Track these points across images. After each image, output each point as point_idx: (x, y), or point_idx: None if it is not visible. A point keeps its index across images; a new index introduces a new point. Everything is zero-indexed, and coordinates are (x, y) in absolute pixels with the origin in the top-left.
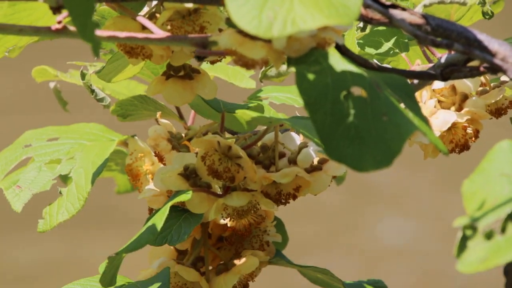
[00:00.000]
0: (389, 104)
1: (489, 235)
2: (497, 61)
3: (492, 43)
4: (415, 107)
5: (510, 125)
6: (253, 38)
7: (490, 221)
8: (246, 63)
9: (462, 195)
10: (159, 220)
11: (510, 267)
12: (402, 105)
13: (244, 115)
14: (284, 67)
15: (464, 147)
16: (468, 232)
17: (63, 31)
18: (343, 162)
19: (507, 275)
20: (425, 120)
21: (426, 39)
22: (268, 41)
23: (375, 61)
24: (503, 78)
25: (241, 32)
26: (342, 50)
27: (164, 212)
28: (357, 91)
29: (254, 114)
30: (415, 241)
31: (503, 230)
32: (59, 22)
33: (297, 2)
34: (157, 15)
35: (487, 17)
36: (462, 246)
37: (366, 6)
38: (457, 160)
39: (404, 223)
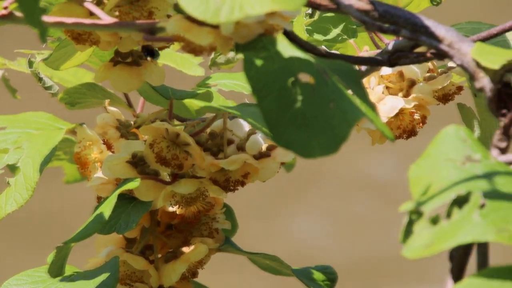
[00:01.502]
0: (336, 91)
1: (434, 220)
2: (443, 47)
3: (439, 29)
4: (362, 94)
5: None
6: (200, 24)
7: (435, 206)
8: (194, 50)
9: (409, 180)
10: (107, 209)
11: (455, 252)
12: (349, 92)
13: (192, 104)
14: (232, 54)
15: (411, 132)
16: (414, 217)
17: (9, 17)
18: (290, 148)
19: (452, 260)
20: (372, 106)
21: (374, 25)
22: (216, 27)
23: (323, 47)
24: (450, 64)
25: (189, 18)
26: (290, 36)
27: (112, 200)
28: (305, 77)
29: (202, 103)
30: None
31: (448, 215)
32: (5, 8)
33: None
34: (105, 1)
35: (434, 3)
36: (408, 231)
37: None
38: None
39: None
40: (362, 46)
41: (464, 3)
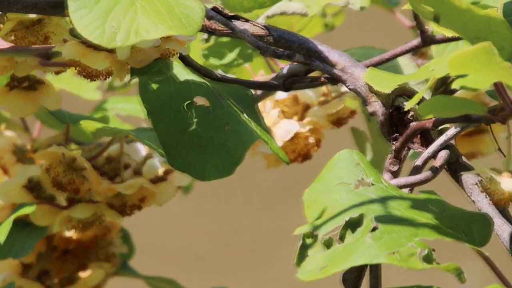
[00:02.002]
0: (232, 114)
1: (328, 243)
2: (336, 71)
3: (332, 54)
4: (257, 117)
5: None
6: (97, 48)
7: (329, 229)
8: (90, 74)
9: (304, 203)
10: (1, 234)
11: (348, 275)
12: (244, 115)
13: (89, 126)
14: (128, 78)
15: (306, 156)
16: (308, 241)
17: None
18: (185, 171)
19: (345, 283)
20: (266, 129)
21: (268, 50)
22: (112, 52)
23: (219, 71)
24: (344, 88)
25: (85, 43)
26: (186, 61)
27: (7, 225)
28: (200, 100)
29: (99, 125)
30: None
31: (341, 238)
32: None
33: (140, 12)
34: (0, 25)
35: (328, 28)
36: (302, 254)
37: (209, 17)
38: None
39: None
40: (258, 70)
41: (357, 28)
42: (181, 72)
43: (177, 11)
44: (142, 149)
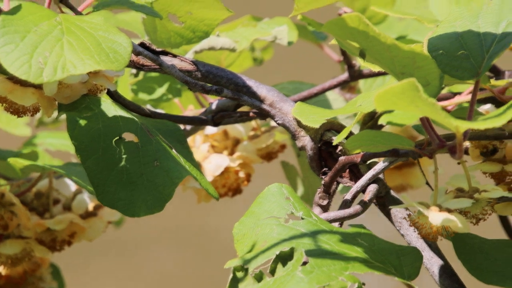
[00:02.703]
0: (161, 150)
1: (258, 277)
2: (265, 106)
3: (261, 89)
4: (187, 153)
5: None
6: (24, 84)
7: (259, 263)
8: (17, 110)
9: (233, 238)
10: None
11: None
12: (173, 151)
13: (16, 163)
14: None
15: (236, 190)
16: (239, 274)
17: None
18: (115, 207)
19: None
20: (196, 165)
21: (196, 85)
22: (39, 88)
23: (148, 106)
24: (273, 123)
25: (12, 79)
26: (115, 96)
27: None
28: (129, 136)
29: (26, 162)
30: None
31: (272, 272)
32: None
33: (67, 48)
34: None
35: (257, 63)
36: (233, 287)
37: (137, 53)
38: None
39: None
40: (187, 105)
41: (286, 62)
42: (110, 108)
43: (104, 46)
44: (72, 184)
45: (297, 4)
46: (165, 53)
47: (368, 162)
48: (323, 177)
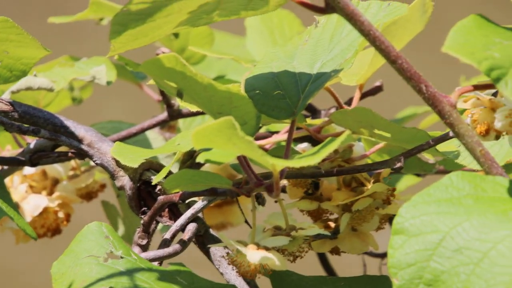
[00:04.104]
0: None
1: None
2: (83, 146)
3: (79, 129)
4: (3, 193)
5: None
6: None
7: None
8: None
9: (52, 277)
10: None
11: None
12: None
13: None
14: None
15: (56, 231)
16: None
17: None
18: None
19: None
20: (13, 205)
21: (13, 126)
22: None
23: None
24: (92, 162)
25: None
26: None
27: None
28: None
29: None
30: None
31: None
32: None
33: None
34: None
35: (76, 102)
36: None
37: None
38: None
39: None
40: (5, 145)
41: (106, 102)
42: None
43: None
44: None
45: (114, 44)
46: None
47: (188, 201)
48: (142, 216)
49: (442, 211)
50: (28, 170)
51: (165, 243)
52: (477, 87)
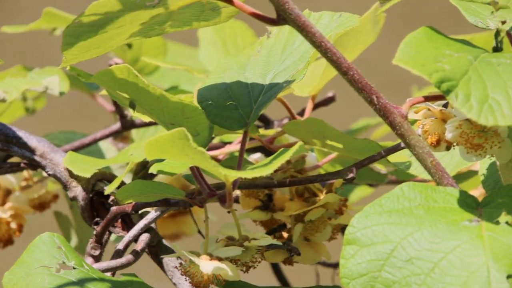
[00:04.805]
0: None
1: None
2: (36, 157)
3: (31, 140)
4: None
5: None
6: None
7: None
8: None
9: (3, 286)
10: None
11: None
12: None
13: None
14: None
15: (8, 241)
16: None
17: None
18: None
19: None
20: None
21: None
22: None
23: None
24: (45, 173)
25: None
26: None
27: None
28: None
29: None
30: None
31: None
32: None
33: None
34: None
35: (29, 112)
36: None
37: None
38: None
39: None
40: None
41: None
42: None
43: None
44: None
45: (66, 56)
46: None
47: (141, 211)
48: (95, 227)
49: (394, 221)
50: None
51: (118, 254)
52: (428, 98)
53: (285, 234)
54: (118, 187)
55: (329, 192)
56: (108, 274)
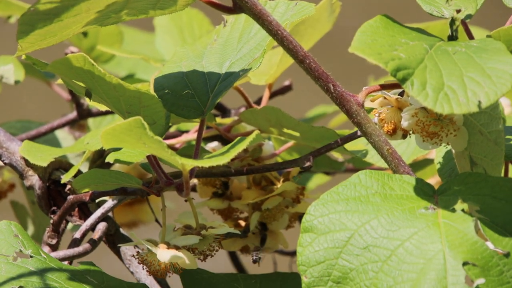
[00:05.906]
0: None
1: None
2: None
3: None
4: None
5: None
6: None
7: None
8: None
9: None
10: None
11: None
12: None
13: None
14: None
15: None
16: None
17: None
18: None
19: None
20: None
21: None
22: None
23: None
24: (1, 162)
25: None
26: None
27: None
28: None
29: None
30: None
31: None
32: None
33: None
34: None
35: None
36: None
37: None
38: None
39: None
40: None
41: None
42: None
43: None
44: None
45: (21, 44)
46: None
47: (98, 200)
48: (52, 216)
49: (351, 209)
50: None
51: (75, 243)
52: (384, 87)
53: (242, 222)
54: (75, 176)
55: (286, 181)
56: (65, 263)
